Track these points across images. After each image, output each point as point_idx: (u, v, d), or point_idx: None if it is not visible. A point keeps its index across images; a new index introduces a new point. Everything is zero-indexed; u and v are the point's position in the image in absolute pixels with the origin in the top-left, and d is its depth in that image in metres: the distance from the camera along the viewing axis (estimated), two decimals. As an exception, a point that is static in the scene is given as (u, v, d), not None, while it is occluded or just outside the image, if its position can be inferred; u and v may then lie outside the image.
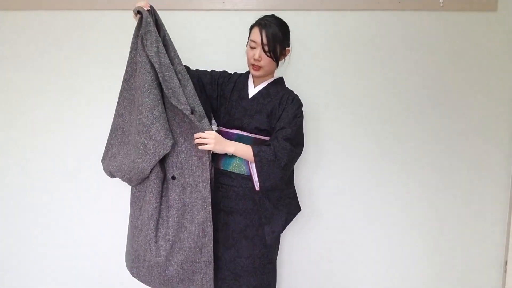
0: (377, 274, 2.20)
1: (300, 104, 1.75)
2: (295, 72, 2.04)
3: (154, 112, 1.59)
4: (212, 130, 1.65)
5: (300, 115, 1.73)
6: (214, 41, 2.09)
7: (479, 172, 2.14)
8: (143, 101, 1.59)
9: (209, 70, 1.85)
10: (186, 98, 1.60)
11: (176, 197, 1.64)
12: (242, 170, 1.71)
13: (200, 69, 1.84)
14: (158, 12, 1.70)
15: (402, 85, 2.10)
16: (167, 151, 1.62)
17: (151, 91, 1.60)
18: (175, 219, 1.64)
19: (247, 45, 1.74)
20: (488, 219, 2.16)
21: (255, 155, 1.61)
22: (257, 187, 1.67)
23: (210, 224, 1.63)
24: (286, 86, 1.83)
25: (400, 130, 2.12)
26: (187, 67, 1.78)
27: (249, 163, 1.68)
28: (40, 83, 2.15)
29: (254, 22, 1.72)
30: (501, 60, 2.09)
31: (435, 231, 2.17)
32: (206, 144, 1.60)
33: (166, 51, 1.64)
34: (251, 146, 1.65)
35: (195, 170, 1.63)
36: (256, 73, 1.71)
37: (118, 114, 1.74)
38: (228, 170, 1.72)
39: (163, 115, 1.62)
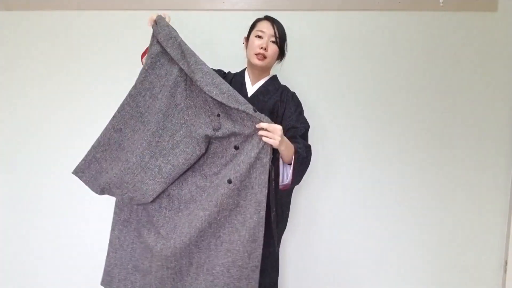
0: (378, 274, 2.20)
1: (299, 102, 1.75)
2: (295, 73, 2.04)
3: (175, 138, 1.60)
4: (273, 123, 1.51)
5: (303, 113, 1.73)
6: (213, 41, 2.09)
7: (479, 173, 2.14)
8: (165, 125, 1.60)
9: None
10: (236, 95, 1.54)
11: (230, 200, 1.55)
12: None
13: None
14: (159, 12, 1.69)
15: (402, 85, 2.10)
16: (180, 174, 1.61)
17: (173, 116, 1.60)
18: (227, 218, 1.56)
19: (246, 39, 1.73)
20: (488, 219, 2.16)
21: (295, 151, 1.55)
22: (285, 184, 1.61)
23: (262, 229, 1.55)
24: (281, 83, 1.81)
25: (400, 131, 2.12)
26: None
27: (279, 161, 1.60)
28: (40, 83, 2.15)
29: (258, 18, 1.71)
30: (501, 60, 2.09)
31: (435, 231, 2.17)
32: (271, 138, 1.48)
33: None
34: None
35: (251, 172, 1.54)
36: (260, 63, 1.68)
37: (114, 129, 1.62)
38: None
39: (184, 139, 1.60)
